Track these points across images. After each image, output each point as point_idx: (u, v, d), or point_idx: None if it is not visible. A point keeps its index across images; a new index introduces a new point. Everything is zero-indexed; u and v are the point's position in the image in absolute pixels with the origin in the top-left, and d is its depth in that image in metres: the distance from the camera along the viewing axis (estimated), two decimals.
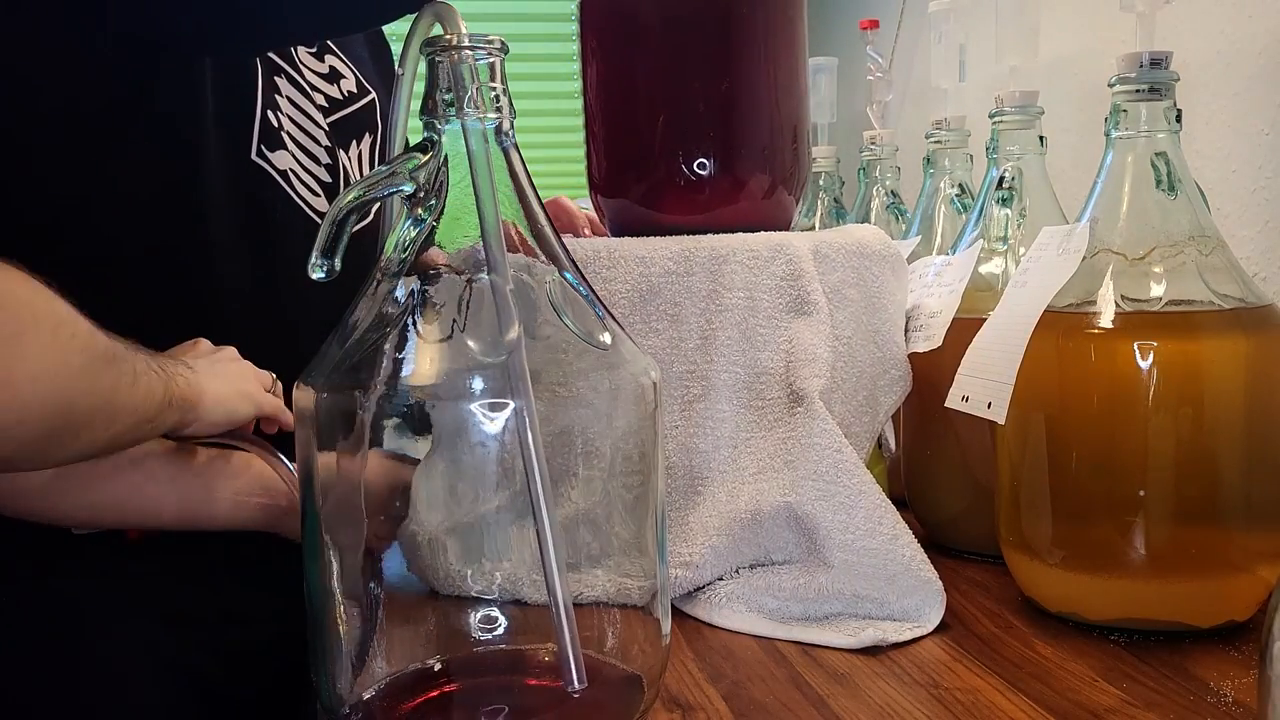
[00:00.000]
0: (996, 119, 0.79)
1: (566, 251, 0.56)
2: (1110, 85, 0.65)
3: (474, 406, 0.50)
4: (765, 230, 0.77)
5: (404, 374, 0.52)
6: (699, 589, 0.70)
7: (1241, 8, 0.80)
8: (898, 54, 1.31)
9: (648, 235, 0.76)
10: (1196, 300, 0.62)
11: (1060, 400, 0.65)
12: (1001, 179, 0.79)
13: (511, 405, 0.50)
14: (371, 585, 0.55)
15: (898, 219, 1.08)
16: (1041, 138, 0.79)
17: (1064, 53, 1.00)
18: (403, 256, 0.54)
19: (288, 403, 0.63)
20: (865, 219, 1.11)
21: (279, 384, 0.71)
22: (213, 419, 0.64)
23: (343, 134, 0.81)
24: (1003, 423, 0.66)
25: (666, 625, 0.56)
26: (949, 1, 0.95)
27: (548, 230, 0.55)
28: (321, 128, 0.76)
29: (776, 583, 0.69)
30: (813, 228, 1.20)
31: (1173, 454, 0.61)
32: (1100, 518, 0.63)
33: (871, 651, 0.63)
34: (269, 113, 0.72)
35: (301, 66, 0.78)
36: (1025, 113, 0.79)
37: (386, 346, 0.52)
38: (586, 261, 0.73)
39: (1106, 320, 0.63)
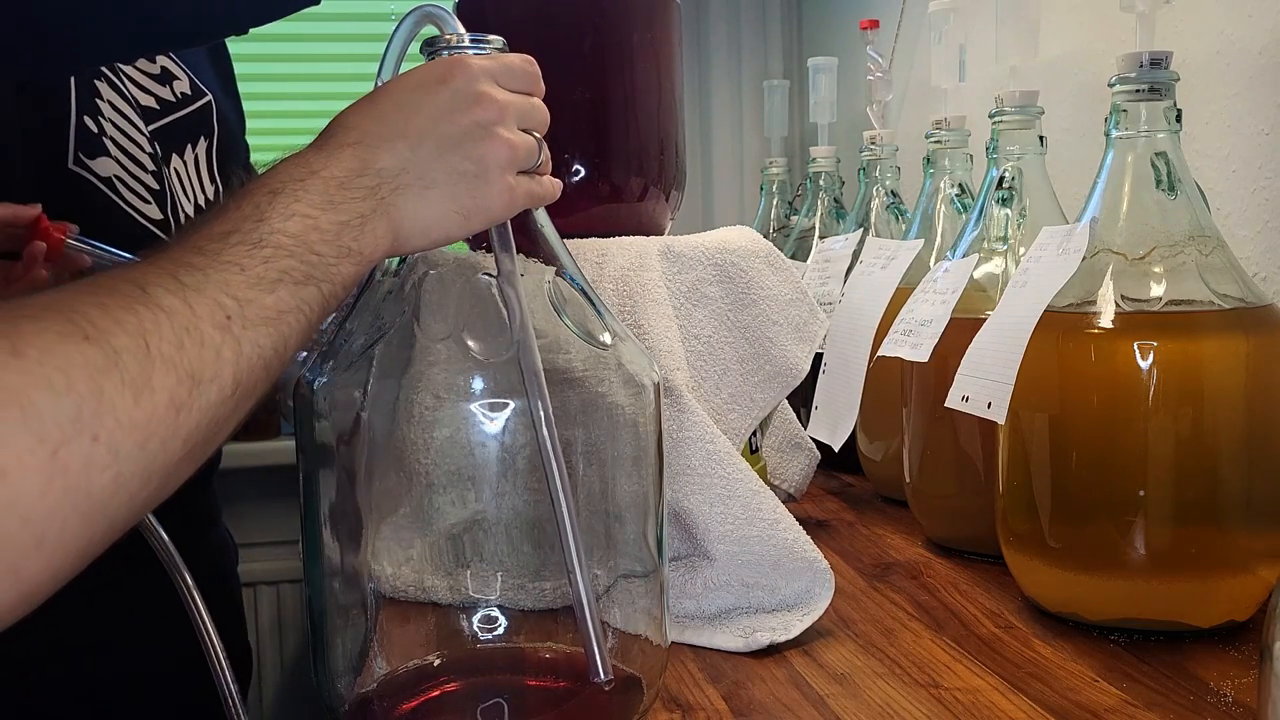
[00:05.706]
0: (996, 119, 0.79)
1: (566, 250, 0.56)
2: (1110, 85, 0.65)
3: (474, 406, 0.50)
4: (635, 235, 0.77)
5: (404, 374, 0.52)
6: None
7: (1241, 8, 0.80)
8: (898, 54, 1.31)
9: None
10: (1196, 300, 0.62)
11: (1060, 400, 0.65)
12: (1001, 179, 0.79)
13: (511, 405, 0.50)
14: (370, 585, 0.55)
15: (898, 219, 1.08)
16: (1041, 138, 0.79)
17: (1064, 53, 1.00)
18: (401, 256, 0.54)
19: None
20: (865, 219, 1.11)
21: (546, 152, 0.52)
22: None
23: (172, 138, 0.76)
24: (1003, 423, 0.66)
25: (666, 626, 0.56)
26: (949, 1, 0.94)
27: (547, 229, 0.55)
28: (144, 133, 0.74)
29: None
30: (812, 228, 1.20)
31: (1173, 454, 0.61)
32: (1100, 517, 0.63)
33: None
34: (85, 118, 0.68)
35: (126, 69, 0.74)
36: (1025, 113, 0.79)
37: (387, 346, 0.52)
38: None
39: (1106, 320, 0.63)
